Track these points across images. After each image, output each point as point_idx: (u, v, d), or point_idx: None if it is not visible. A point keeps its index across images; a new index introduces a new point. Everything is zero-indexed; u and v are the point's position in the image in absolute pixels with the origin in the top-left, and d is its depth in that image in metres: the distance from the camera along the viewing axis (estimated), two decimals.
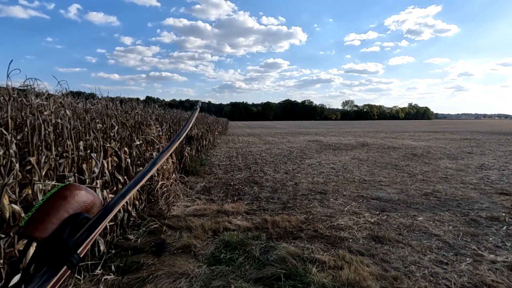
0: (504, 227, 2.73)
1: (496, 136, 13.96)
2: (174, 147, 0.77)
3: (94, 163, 2.29)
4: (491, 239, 2.49)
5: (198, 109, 1.25)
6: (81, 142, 2.43)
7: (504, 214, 3.06)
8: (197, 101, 1.34)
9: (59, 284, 0.37)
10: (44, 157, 1.92)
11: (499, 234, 2.58)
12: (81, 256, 0.39)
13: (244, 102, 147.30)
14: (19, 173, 1.71)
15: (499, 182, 4.51)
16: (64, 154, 2.21)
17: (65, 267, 0.37)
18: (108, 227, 2.17)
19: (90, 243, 0.41)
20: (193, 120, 1.05)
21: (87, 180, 2.15)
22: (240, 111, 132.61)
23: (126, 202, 2.67)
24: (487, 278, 1.88)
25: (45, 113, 2.06)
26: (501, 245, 2.37)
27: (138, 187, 0.54)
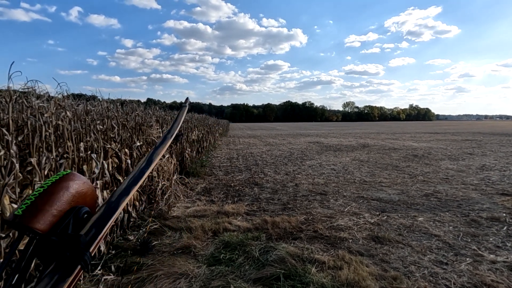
0: (505, 228, 2.72)
1: (497, 137, 13.92)
2: (168, 143, 0.77)
3: (94, 164, 2.30)
4: (491, 239, 2.49)
5: (187, 107, 1.22)
6: (82, 143, 2.44)
7: (504, 215, 3.05)
8: (186, 99, 1.31)
9: (73, 285, 0.34)
10: (44, 158, 1.93)
11: (499, 235, 2.58)
12: (92, 255, 0.36)
13: (245, 103, 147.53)
14: (20, 174, 1.72)
15: (500, 183, 4.50)
16: (65, 155, 2.22)
17: (79, 266, 0.34)
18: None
19: (100, 242, 0.38)
20: (183, 118, 1.06)
21: None
22: (241, 113, 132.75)
23: (127, 202, 2.68)
24: (487, 278, 1.88)
25: (46, 115, 2.08)
26: (502, 246, 2.37)
27: (139, 184, 0.52)
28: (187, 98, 1.35)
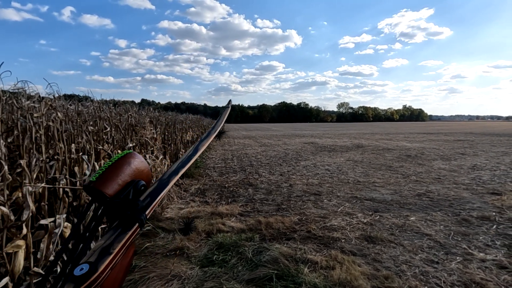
0: (494, 226, 2.77)
1: (488, 137, 14.14)
2: (212, 137, 0.92)
3: (85, 165, 2.28)
4: (481, 238, 2.53)
5: (230, 107, 1.46)
6: (73, 144, 2.42)
7: (494, 214, 3.10)
8: (229, 101, 1.54)
9: (131, 238, 0.41)
10: (34, 159, 1.91)
11: (489, 233, 2.62)
12: (147, 217, 0.45)
13: (240, 104, 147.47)
14: (9, 176, 1.70)
15: (491, 182, 4.57)
16: (56, 157, 2.20)
17: (136, 224, 0.42)
18: (99, 229, 2.16)
19: (153, 209, 0.48)
20: (226, 116, 1.25)
21: (78, 182, 2.14)
22: (236, 114, 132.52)
23: None
24: (477, 276, 1.91)
25: (36, 115, 2.05)
26: (491, 244, 2.40)
27: (187, 167, 0.63)
28: (230, 100, 1.56)
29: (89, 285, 0.34)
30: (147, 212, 0.45)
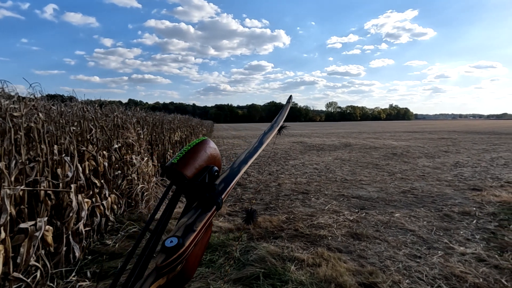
0: (474, 221, 2.87)
1: (470, 135, 14.61)
2: (276, 130, 0.97)
3: (68, 167, 2.23)
4: (462, 232, 2.61)
5: (291, 103, 1.57)
6: (56, 146, 2.36)
7: (475, 209, 3.22)
8: (290, 96, 1.65)
9: (210, 219, 0.44)
10: (14, 162, 1.85)
11: (469, 228, 2.71)
12: (223, 202, 0.47)
13: (230, 104, 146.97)
14: None
15: (472, 179, 4.73)
16: (37, 159, 2.14)
17: (214, 206, 0.45)
18: (83, 232, 2.12)
19: (228, 194, 0.50)
20: (287, 111, 1.32)
21: (60, 185, 2.09)
22: (226, 114, 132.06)
23: (104, 206, 2.62)
24: (457, 269, 1.97)
25: (16, 114, 1.99)
26: (471, 238, 2.49)
27: (255, 157, 0.66)
28: (290, 96, 1.66)
29: (178, 257, 0.36)
30: (222, 197, 0.47)
